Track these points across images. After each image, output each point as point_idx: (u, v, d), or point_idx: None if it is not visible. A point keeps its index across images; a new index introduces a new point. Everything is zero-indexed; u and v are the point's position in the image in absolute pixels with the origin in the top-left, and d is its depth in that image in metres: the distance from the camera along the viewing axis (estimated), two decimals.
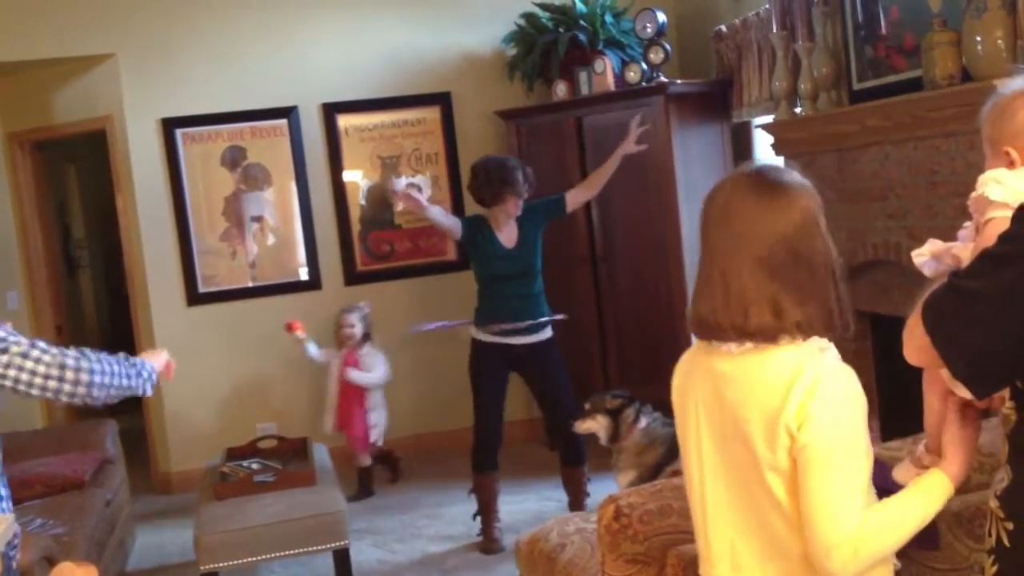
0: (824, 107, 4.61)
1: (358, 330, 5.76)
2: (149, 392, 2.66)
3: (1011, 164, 1.67)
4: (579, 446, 4.80)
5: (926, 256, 1.80)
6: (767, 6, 4.98)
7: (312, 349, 5.76)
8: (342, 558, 4.15)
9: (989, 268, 1.50)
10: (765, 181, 1.85)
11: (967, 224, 1.77)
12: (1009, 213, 1.54)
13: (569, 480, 4.90)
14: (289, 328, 5.66)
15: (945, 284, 1.55)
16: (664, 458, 4.05)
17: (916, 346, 1.57)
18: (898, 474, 1.92)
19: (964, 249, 1.70)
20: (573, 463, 4.87)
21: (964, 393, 1.62)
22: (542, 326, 4.82)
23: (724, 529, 1.87)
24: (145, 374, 2.63)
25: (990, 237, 1.56)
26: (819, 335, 1.80)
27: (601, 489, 4.43)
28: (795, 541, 1.77)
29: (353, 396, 5.75)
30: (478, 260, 4.87)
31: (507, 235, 4.78)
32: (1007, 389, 1.61)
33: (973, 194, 1.67)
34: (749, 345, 1.79)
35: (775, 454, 1.74)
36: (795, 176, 1.87)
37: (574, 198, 4.94)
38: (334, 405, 5.80)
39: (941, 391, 1.77)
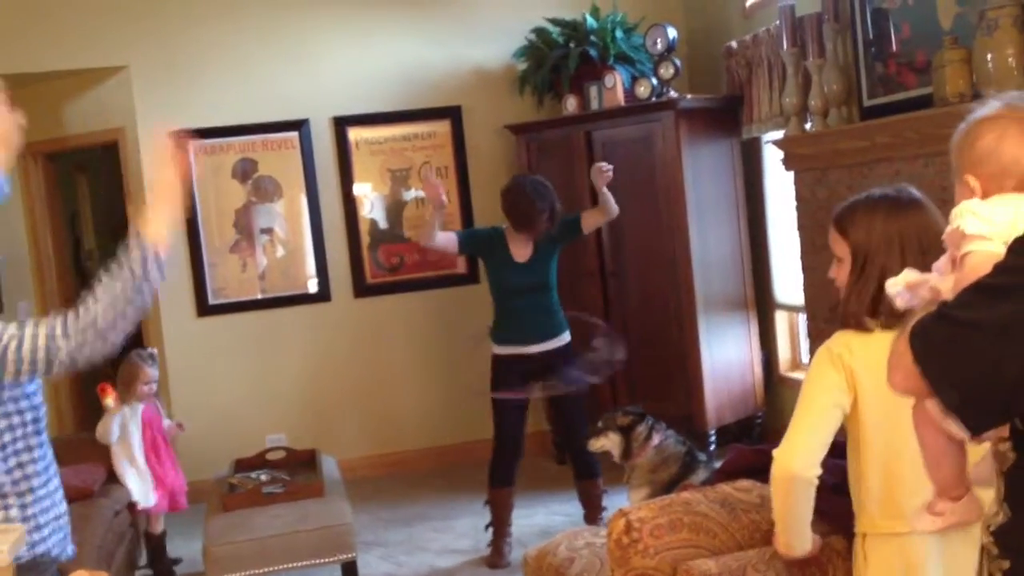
0: (834, 123, 4.61)
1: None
2: (159, 280, 2.29)
3: (972, 192, 1.66)
4: (593, 458, 4.80)
5: (901, 287, 1.76)
6: (778, 22, 4.99)
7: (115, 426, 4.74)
8: (350, 570, 4.15)
9: (985, 299, 1.46)
10: None
11: (942, 258, 1.75)
12: (987, 245, 1.53)
13: (585, 493, 4.90)
14: (102, 391, 4.76)
15: (935, 313, 1.51)
16: (678, 475, 4.04)
17: (904, 374, 1.54)
18: (917, 523, 1.92)
19: (943, 282, 1.66)
20: (588, 476, 4.87)
21: (956, 431, 1.58)
22: (558, 334, 4.83)
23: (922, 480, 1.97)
24: (151, 274, 2.26)
25: (972, 269, 1.54)
26: None
27: (617, 503, 4.43)
28: None
29: (165, 451, 4.95)
30: (492, 272, 4.89)
31: (521, 250, 4.80)
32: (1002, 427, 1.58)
33: (948, 228, 1.65)
34: None
35: None
36: None
37: (587, 221, 4.94)
38: (142, 470, 4.81)
39: (934, 427, 1.73)
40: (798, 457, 2.25)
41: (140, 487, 4.78)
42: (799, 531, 2.34)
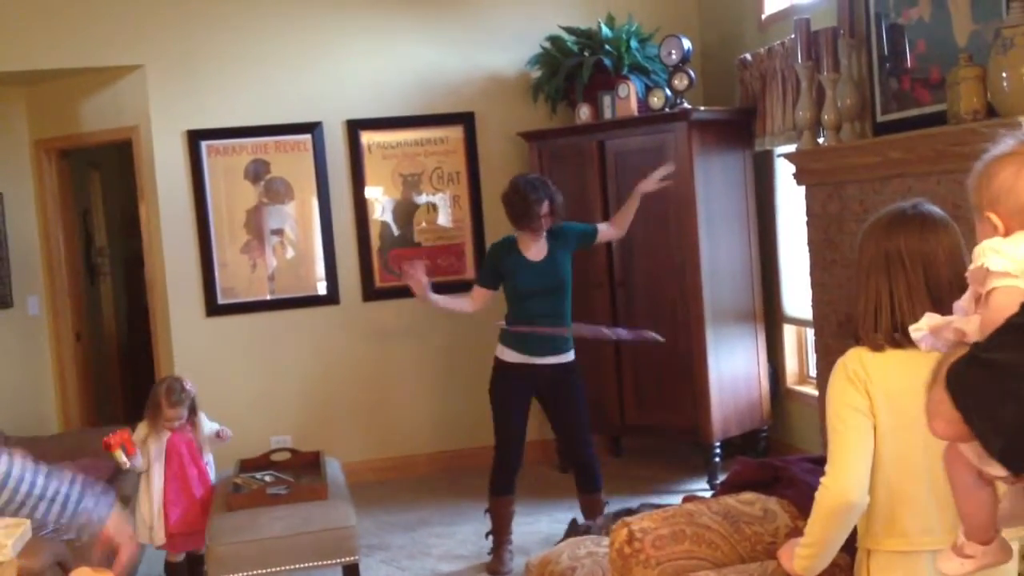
0: (847, 138, 4.61)
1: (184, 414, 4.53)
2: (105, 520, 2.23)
3: (995, 230, 1.66)
4: (596, 472, 4.79)
5: (924, 331, 1.76)
6: (793, 36, 4.99)
7: (137, 461, 4.43)
8: (352, 574, 4.15)
9: (1017, 339, 1.45)
10: None
11: (964, 297, 1.74)
12: (1011, 282, 1.52)
13: (587, 507, 4.88)
14: (106, 447, 4.35)
15: (967, 357, 1.51)
16: None
17: (945, 421, 1.53)
18: (944, 566, 1.91)
19: (968, 322, 1.65)
20: (591, 490, 4.84)
21: (996, 471, 1.57)
22: (567, 349, 4.81)
23: (950, 500, 1.99)
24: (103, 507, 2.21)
25: (998, 307, 1.53)
26: None
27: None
28: None
29: (198, 481, 4.54)
30: (508, 277, 4.84)
31: (534, 251, 4.80)
32: None
33: (971, 266, 1.65)
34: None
35: None
36: None
37: (603, 234, 4.98)
38: (159, 507, 4.43)
39: (967, 465, 1.72)
40: (854, 485, 2.21)
41: (143, 524, 4.39)
42: (831, 556, 2.32)
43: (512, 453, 4.81)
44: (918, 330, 1.76)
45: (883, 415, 2.21)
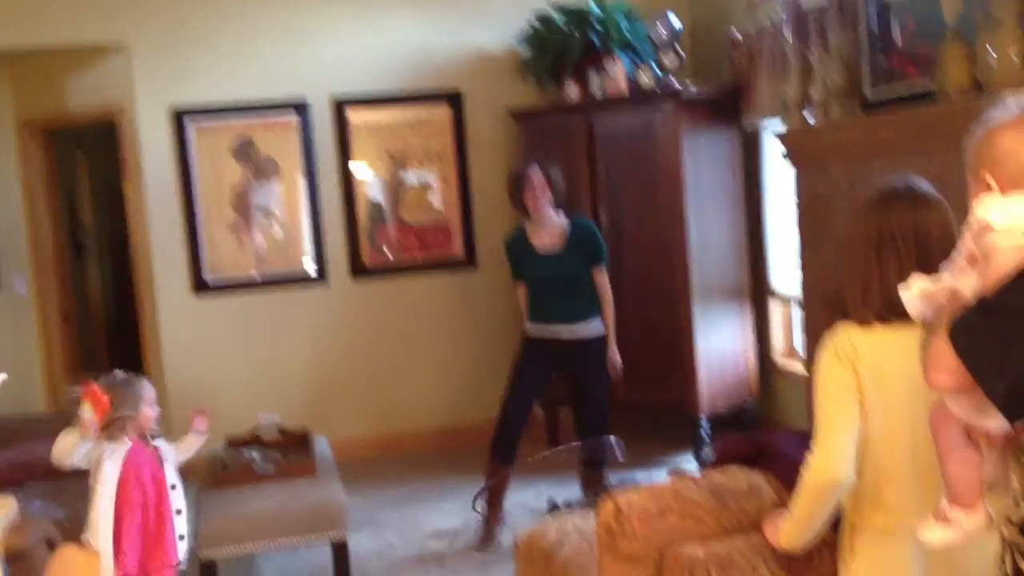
0: (836, 116, 4.60)
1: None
2: None
3: (988, 188, 1.66)
4: (603, 449, 4.83)
5: (915, 297, 1.76)
6: (782, 14, 4.98)
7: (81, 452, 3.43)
8: (340, 549, 4.16)
9: None
10: None
11: (953, 260, 1.74)
12: (1014, 239, 1.53)
13: (589, 482, 4.93)
14: (86, 393, 3.39)
15: (977, 308, 1.52)
16: None
17: (946, 371, 1.55)
18: (927, 535, 1.92)
19: (963, 281, 1.65)
20: (596, 465, 4.90)
21: (991, 423, 1.59)
22: (587, 319, 4.91)
23: (934, 476, 2.02)
24: None
25: (1001, 263, 1.54)
26: None
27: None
28: None
29: (155, 518, 3.41)
30: (522, 267, 5.08)
31: (546, 240, 4.96)
32: None
33: (973, 225, 1.65)
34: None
35: None
36: None
37: (597, 278, 5.00)
38: (105, 526, 3.33)
39: (955, 424, 1.73)
40: (840, 463, 2.23)
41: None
42: (815, 531, 2.35)
43: (511, 417, 4.89)
44: (909, 296, 1.76)
45: (870, 393, 2.21)
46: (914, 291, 1.75)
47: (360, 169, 6.42)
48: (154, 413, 3.49)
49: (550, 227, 4.96)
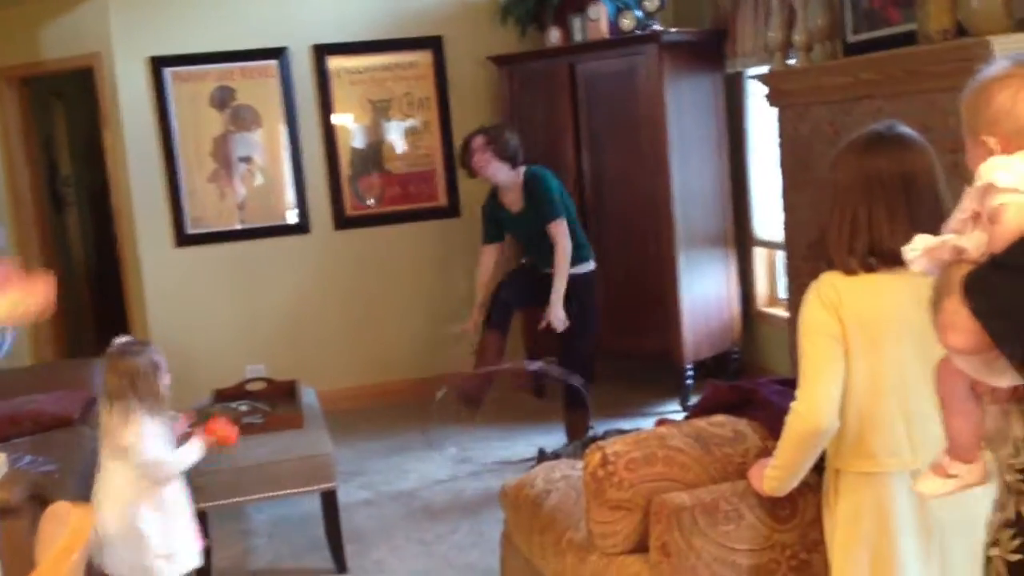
0: (818, 59, 4.59)
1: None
2: None
3: (990, 153, 1.65)
4: (574, 394, 4.86)
5: (918, 252, 1.72)
6: None
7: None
8: (329, 499, 4.19)
9: None
10: None
11: (955, 217, 1.72)
12: (1020, 198, 1.52)
13: (572, 424, 4.97)
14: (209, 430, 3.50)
15: (990, 264, 1.51)
16: None
17: (962, 332, 1.53)
18: (924, 486, 1.93)
19: (969, 240, 1.61)
20: (574, 406, 4.94)
21: (1003, 380, 1.57)
22: (578, 262, 5.06)
23: (931, 419, 2.03)
24: None
25: (1009, 221, 1.52)
26: None
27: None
28: None
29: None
30: (503, 227, 5.34)
31: (510, 199, 5.17)
32: None
33: (976, 183, 1.62)
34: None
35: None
36: None
37: (553, 231, 5.03)
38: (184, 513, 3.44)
39: (961, 377, 1.72)
40: (825, 410, 2.25)
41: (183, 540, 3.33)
42: (799, 477, 2.38)
43: (506, 290, 5.19)
44: (912, 251, 1.74)
45: (854, 340, 2.23)
46: (917, 246, 1.73)
47: (341, 117, 6.37)
48: (168, 381, 3.36)
49: (510, 186, 5.12)
